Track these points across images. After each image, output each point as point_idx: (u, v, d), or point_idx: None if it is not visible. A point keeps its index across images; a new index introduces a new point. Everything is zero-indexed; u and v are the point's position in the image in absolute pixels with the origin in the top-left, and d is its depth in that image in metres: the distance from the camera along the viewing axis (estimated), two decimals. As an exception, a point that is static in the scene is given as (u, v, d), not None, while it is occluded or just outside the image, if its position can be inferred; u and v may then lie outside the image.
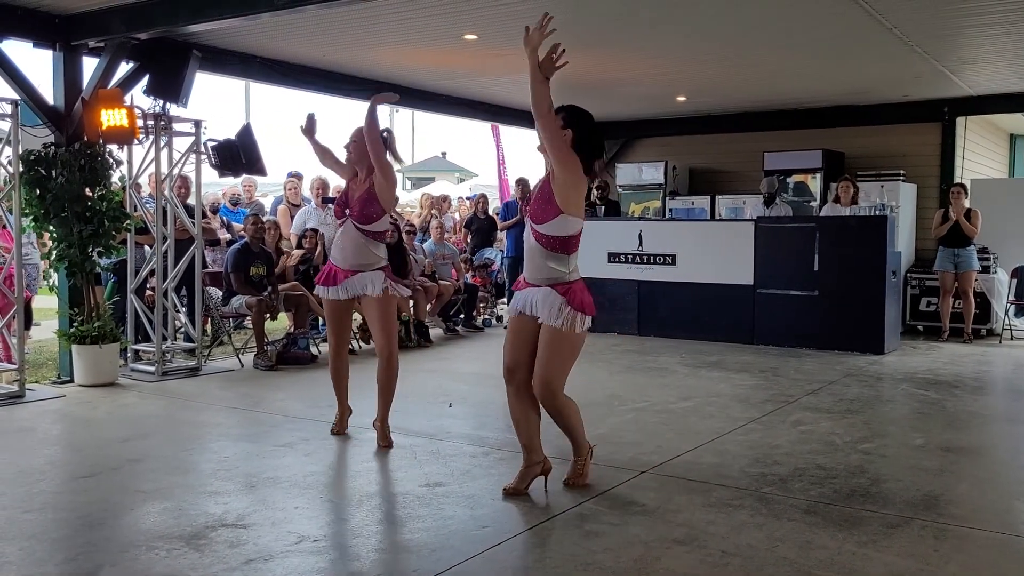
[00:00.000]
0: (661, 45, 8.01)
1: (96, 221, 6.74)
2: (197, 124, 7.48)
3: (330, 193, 9.96)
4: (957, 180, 10.33)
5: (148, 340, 7.47)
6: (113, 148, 7.03)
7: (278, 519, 3.77)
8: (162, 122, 7.32)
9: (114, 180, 7.13)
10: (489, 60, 8.48)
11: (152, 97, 7.29)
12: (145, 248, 7.81)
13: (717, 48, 7.99)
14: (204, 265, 8.00)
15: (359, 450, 4.97)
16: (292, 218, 9.77)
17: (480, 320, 10.79)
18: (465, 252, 11.32)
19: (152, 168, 7.48)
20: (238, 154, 7.44)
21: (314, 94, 9.47)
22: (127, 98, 6.99)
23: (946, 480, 4.44)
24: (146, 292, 7.88)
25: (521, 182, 11.25)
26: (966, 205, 9.59)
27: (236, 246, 8.30)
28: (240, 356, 7.83)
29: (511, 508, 4.00)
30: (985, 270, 9.84)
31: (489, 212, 12.08)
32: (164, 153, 7.42)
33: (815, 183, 10.94)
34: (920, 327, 10.10)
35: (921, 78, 9.04)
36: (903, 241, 10.05)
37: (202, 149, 7.49)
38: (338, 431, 5.25)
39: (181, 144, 7.54)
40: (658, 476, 4.43)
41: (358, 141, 4.96)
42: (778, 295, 8.97)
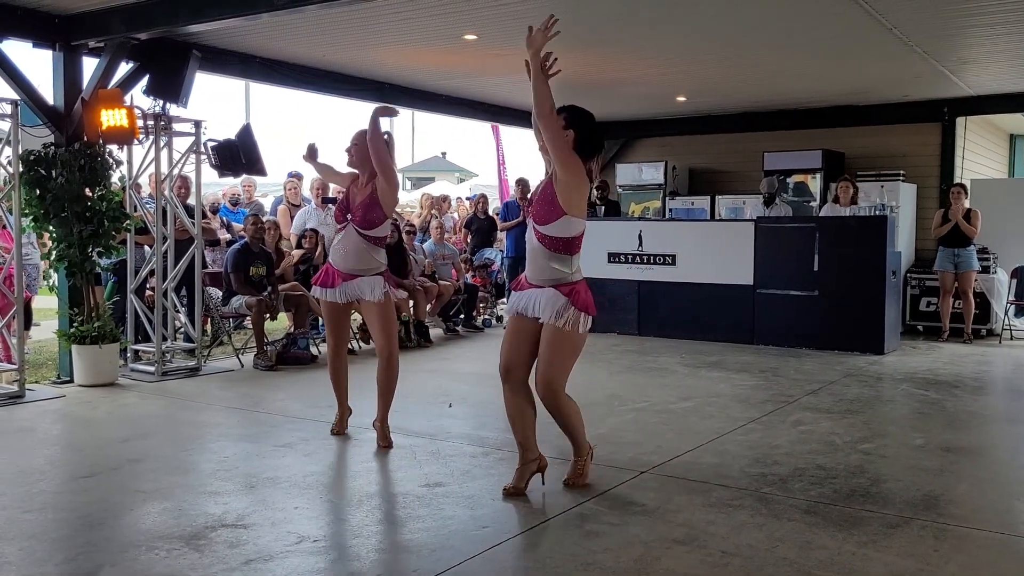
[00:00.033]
0: (661, 45, 8.01)
1: (96, 221, 6.74)
2: (197, 124, 7.48)
3: (330, 193, 9.96)
4: (957, 180, 10.34)
5: (148, 340, 7.48)
6: (113, 148, 7.04)
7: (278, 519, 3.77)
8: (162, 122, 7.32)
9: (114, 180, 7.13)
10: (489, 60, 8.48)
11: (152, 97, 7.30)
12: (145, 248, 7.81)
13: (717, 48, 7.99)
14: (204, 265, 8.00)
15: (359, 450, 4.97)
16: (292, 218, 9.78)
17: (480, 320, 10.79)
18: (465, 252, 11.32)
19: (152, 168, 7.49)
20: (238, 154, 7.44)
21: (314, 94, 9.47)
22: (127, 98, 6.99)
23: (946, 480, 4.44)
24: (146, 292, 7.88)
25: (521, 182, 11.25)
26: (966, 205, 9.59)
27: (236, 246, 8.30)
28: (240, 356, 7.83)
29: (511, 508, 4.00)
30: (985, 270, 9.84)
31: (489, 212, 12.08)
32: (164, 153, 7.43)
33: (815, 183, 10.94)
34: (920, 327, 10.10)
35: (921, 78, 9.04)
36: (903, 241, 10.05)
37: (202, 149, 7.49)
38: (338, 431, 5.25)
39: (181, 144, 7.55)
40: (658, 476, 4.43)
41: (359, 144, 4.93)
42: (778, 295, 8.97)
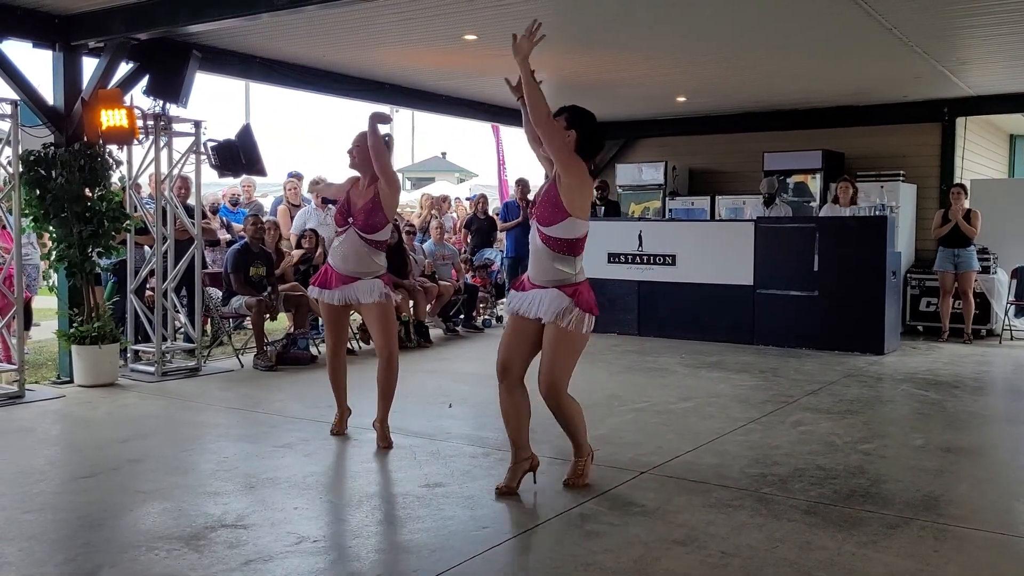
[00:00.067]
0: (660, 46, 8.01)
1: (96, 221, 6.74)
2: (197, 124, 7.48)
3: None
4: (957, 180, 10.33)
5: (148, 340, 7.47)
6: (113, 148, 7.03)
7: (278, 520, 3.77)
8: (162, 122, 7.32)
9: (114, 180, 7.13)
10: (489, 60, 8.47)
11: (152, 97, 7.29)
12: (145, 248, 7.81)
13: (716, 48, 7.99)
14: (204, 265, 8.00)
15: (359, 451, 4.97)
16: (292, 218, 9.79)
17: (480, 320, 10.79)
18: (465, 252, 11.32)
19: (152, 168, 7.49)
20: (238, 154, 7.44)
21: (314, 94, 9.47)
22: (127, 98, 6.99)
23: (946, 481, 4.44)
24: (146, 292, 7.88)
25: (521, 182, 11.25)
26: (966, 205, 9.59)
27: (236, 246, 8.30)
28: (240, 356, 7.83)
29: (511, 508, 4.01)
30: (985, 270, 9.84)
31: (489, 212, 12.08)
32: (164, 153, 7.42)
33: (815, 183, 10.94)
34: (920, 327, 10.10)
35: (921, 78, 9.04)
36: (903, 241, 10.05)
37: (202, 149, 7.49)
38: (337, 431, 5.24)
39: (181, 144, 7.55)
40: (658, 477, 4.43)
41: (361, 146, 4.92)
42: (778, 295, 8.97)
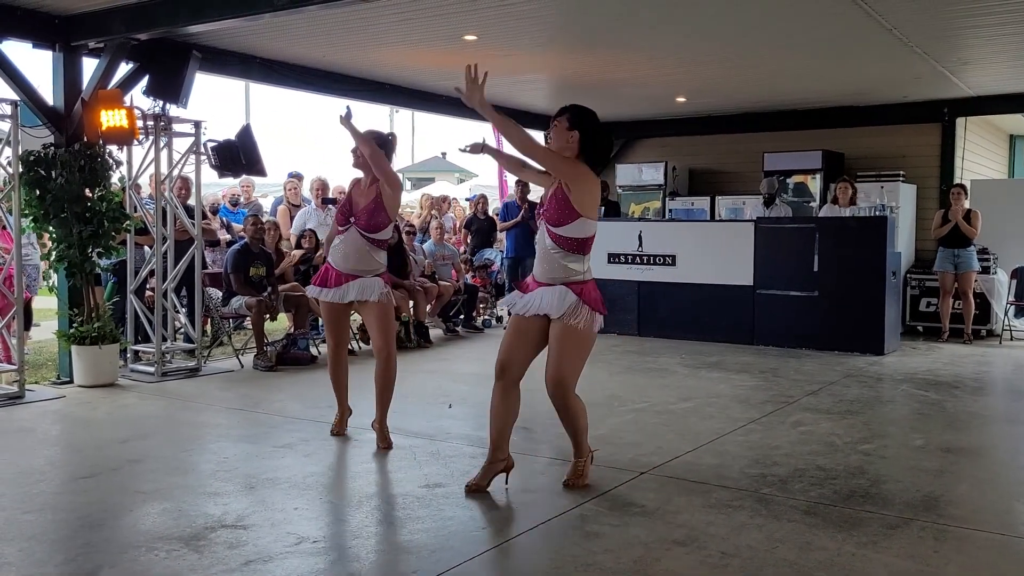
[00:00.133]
0: (661, 46, 8.01)
1: (96, 222, 6.74)
2: (197, 125, 7.48)
3: (330, 194, 9.97)
4: (957, 181, 10.34)
5: (148, 341, 7.47)
6: (113, 149, 7.03)
7: (277, 520, 3.76)
8: (162, 123, 7.32)
9: (114, 181, 7.13)
10: (490, 61, 8.44)
11: (152, 98, 7.29)
12: (145, 249, 7.81)
13: (717, 49, 7.99)
14: (204, 266, 8.00)
15: (359, 451, 4.96)
16: (292, 219, 9.79)
17: (480, 321, 10.79)
18: (465, 252, 11.32)
19: (152, 169, 7.49)
20: (238, 155, 7.44)
21: (314, 95, 9.47)
22: (127, 99, 6.99)
23: (946, 481, 4.44)
24: (146, 293, 7.88)
25: (521, 183, 11.23)
26: (966, 206, 9.59)
27: (236, 247, 8.30)
28: (240, 357, 7.83)
29: (511, 509, 4.01)
30: (985, 271, 9.84)
31: (489, 213, 12.08)
32: (164, 154, 7.42)
33: (815, 184, 10.94)
34: (920, 328, 10.10)
35: (921, 79, 9.04)
36: (903, 242, 10.05)
37: (202, 150, 7.49)
38: (337, 432, 5.24)
39: (181, 145, 7.55)
40: (658, 477, 4.42)
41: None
42: (778, 296, 8.97)
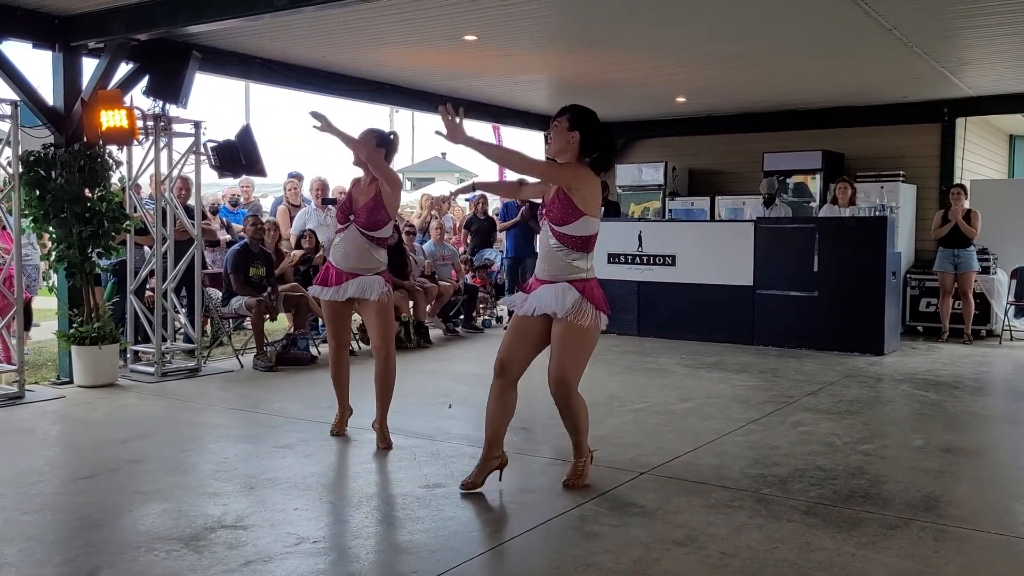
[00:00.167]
0: (661, 46, 8.02)
1: (96, 222, 6.74)
2: (197, 125, 7.48)
3: (330, 194, 9.97)
4: (957, 181, 10.34)
5: (148, 341, 7.47)
6: (113, 149, 7.03)
7: (277, 520, 3.76)
8: (162, 123, 7.32)
9: (114, 181, 7.13)
10: (490, 61, 8.48)
11: (152, 98, 7.29)
12: (145, 249, 7.81)
13: (717, 49, 8.00)
14: (204, 266, 8.00)
15: (358, 451, 4.96)
16: (292, 219, 9.78)
17: (480, 321, 10.79)
18: (465, 253, 11.32)
19: (152, 169, 7.49)
20: (238, 155, 7.43)
21: (314, 95, 9.46)
22: (127, 99, 6.99)
23: (946, 481, 4.44)
24: (146, 293, 7.88)
25: (521, 183, 11.22)
26: (966, 206, 9.59)
27: (236, 247, 8.30)
28: (240, 357, 7.83)
29: (510, 509, 4.01)
30: (985, 271, 9.84)
31: (489, 213, 12.07)
32: (164, 154, 7.42)
33: (815, 184, 10.94)
34: (920, 328, 10.10)
35: (921, 79, 9.04)
36: (903, 242, 10.05)
37: (202, 150, 7.49)
38: (337, 432, 5.24)
39: (181, 145, 7.54)
40: (658, 477, 4.42)
41: (366, 143, 4.94)
42: (778, 296, 8.97)
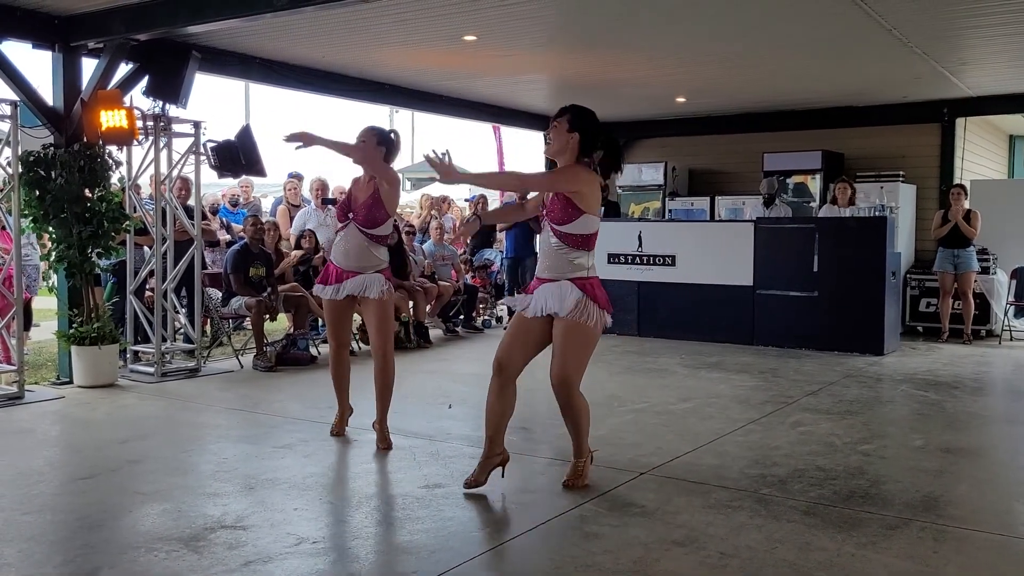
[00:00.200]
0: (661, 46, 8.02)
1: (95, 222, 6.73)
2: (196, 125, 7.48)
3: (329, 194, 9.96)
4: (956, 181, 10.34)
5: (147, 341, 7.47)
6: (112, 149, 7.03)
7: (277, 521, 3.76)
8: (161, 123, 7.31)
9: (113, 181, 7.13)
10: (490, 61, 8.48)
11: (151, 98, 7.29)
12: (144, 249, 7.81)
13: (717, 49, 7.99)
14: (203, 266, 7.99)
15: (358, 451, 4.96)
16: (292, 219, 9.78)
17: (480, 321, 10.79)
18: (465, 253, 11.31)
19: (152, 169, 7.48)
20: (237, 155, 7.43)
21: (314, 95, 9.47)
22: (126, 99, 6.99)
23: (945, 481, 4.44)
24: (145, 293, 7.88)
25: (521, 183, 11.22)
26: (966, 206, 9.59)
27: (236, 247, 8.30)
28: (239, 357, 7.83)
29: (510, 510, 4.01)
30: (985, 271, 9.84)
31: (489, 213, 12.04)
32: (163, 154, 7.42)
33: (815, 184, 10.95)
34: (919, 328, 10.10)
35: (921, 79, 9.04)
36: (902, 242, 10.05)
37: (201, 150, 7.49)
38: (337, 432, 5.24)
39: (180, 145, 7.55)
40: (657, 477, 4.42)
41: (366, 141, 4.94)
42: (778, 296, 8.97)
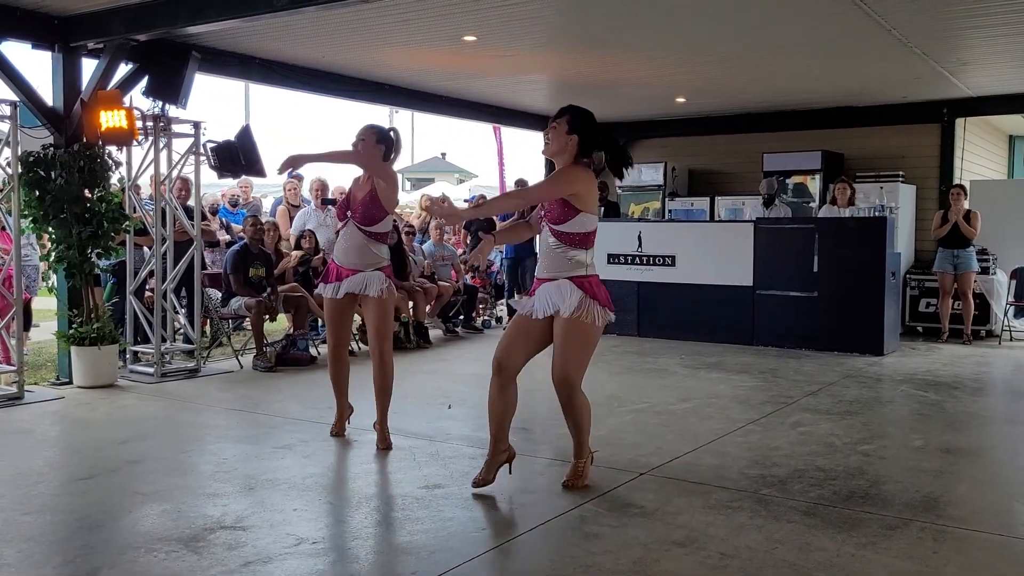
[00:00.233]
0: (661, 46, 8.02)
1: (95, 222, 6.74)
2: (196, 125, 7.48)
3: (329, 194, 9.96)
4: (956, 181, 10.34)
5: (147, 341, 7.47)
6: (112, 149, 7.03)
7: (277, 521, 3.76)
8: (161, 123, 7.32)
9: (113, 181, 7.13)
10: (490, 61, 8.48)
11: (151, 98, 7.29)
12: (144, 249, 7.81)
13: (717, 49, 8.00)
14: (203, 266, 7.99)
15: (358, 452, 4.96)
16: (291, 219, 9.78)
17: (479, 321, 10.79)
18: (464, 253, 11.31)
19: (151, 169, 7.48)
20: (237, 155, 7.43)
21: (313, 95, 9.47)
22: (126, 99, 6.99)
23: (945, 482, 4.44)
24: (145, 293, 7.88)
25: (520, 183, 11.24)
26: (965, 206, 9.59)
27: (235, 247, 8.29)
28: (239, 357, 7.83)
29: (510, 510, 4.01)
30: (984, 271, 9.84)
31: (488, 213, 12.07)
32: (163, 154, 7.42)
33: (815, 184, 10.95)
34: (919, 328, 10.10)
35: (920, 79, 9.04)
36: (902, 242, 10.05)
37: (201, 150, 7.49)
38: (337, 432, 5.24)
39: (180, 145, 7.55)
40: (657, 478, 4.42)
41: (366, 139, 4.95)
42: (777, 296, 8.97)
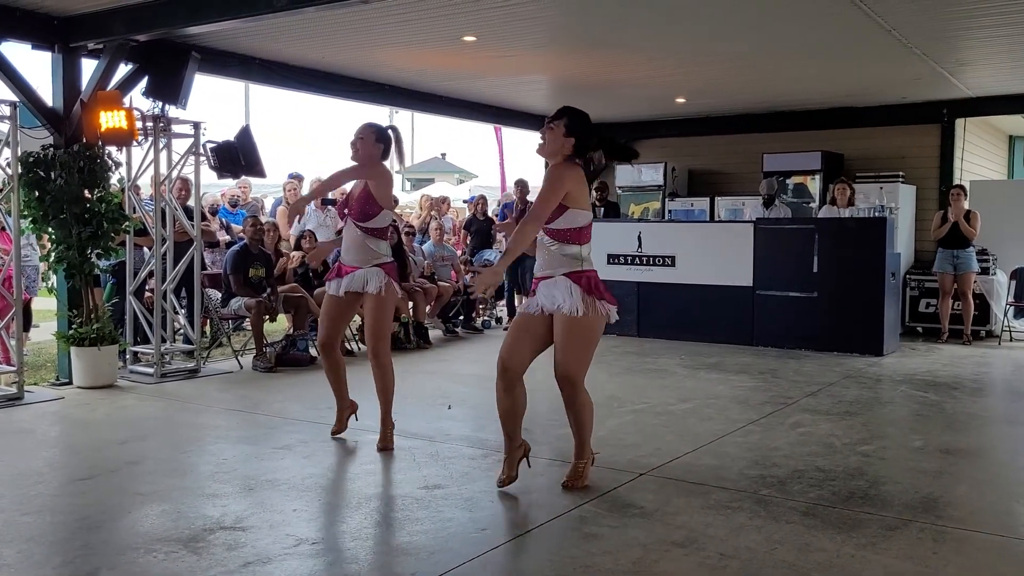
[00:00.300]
0: (661, 47, 8.02)
1: (95, 223, 6.74)
2: (196, 126, 7.49)
3: (329, 194, 9.95)
4: (956, 182, 10.34)
5: (147, 342, 7.47)
6: (112, 150, 7.03)
7: (276, 522, 3.76)
8: (161, 124, 7.32)
9: (113, 182, 7.13)
10: (490, 62, 8.48)
11: (151, 99, 7.29)
12: (144, 250, 7.81)
13: (717, 50, 8.00)
14: (203, 267, 7.99)
15: (358, 452, 4.96)
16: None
17: (479, 322, 10.78)
18: (464, 254, 11.31)
19: (151, 170, 7.48)
20: (237, 156, 7.44)
21: (314, 96, 9.47)
22: (126, 100, 6.99)
23: (945, 482, 4.44)
24: (145, 294, 7.88)
25: (520, 183, 11.23)
26: (965, 207, 9.59)
27: (235, 248, 8.30)
28: (239, 358, 7.83)
29: (510, 510, 4.01)
30: (984, 272, 9.84)
31: (488, 213, 12.06)
32: (163, 155, 7.42)
33: (814, 185, 10.94)
34: (919, 329, 10.10)
35: (920, 80, 9.04)
36: (902, 243, 10.05)
37: (201, 151, 7.49)
38: (337, 431, 5.24)
39: (180, 146, 7.55)
40: (657, 478, 4.42)
41: (364, 138, 4.98)
42: (777, 296, 8.97)
